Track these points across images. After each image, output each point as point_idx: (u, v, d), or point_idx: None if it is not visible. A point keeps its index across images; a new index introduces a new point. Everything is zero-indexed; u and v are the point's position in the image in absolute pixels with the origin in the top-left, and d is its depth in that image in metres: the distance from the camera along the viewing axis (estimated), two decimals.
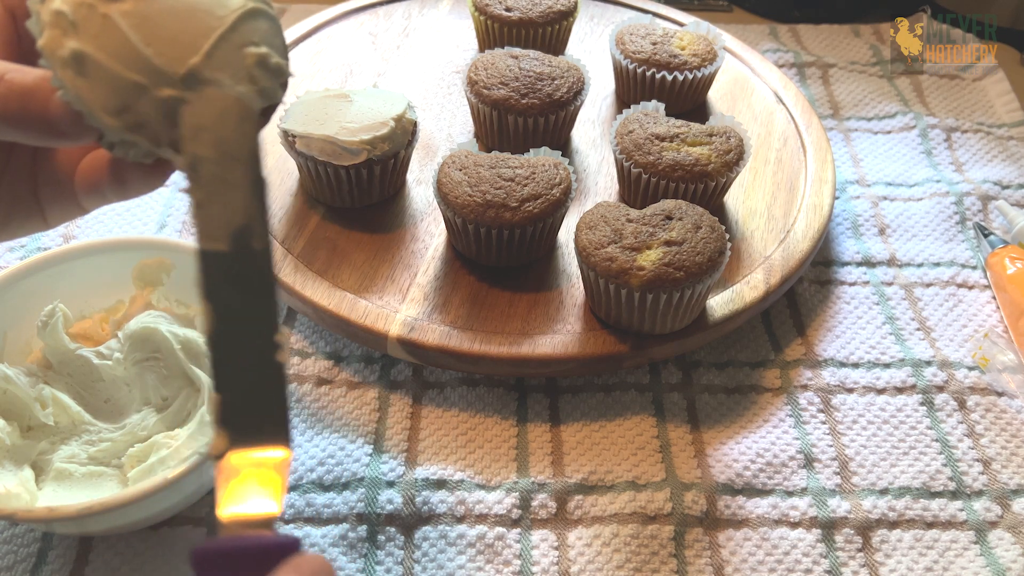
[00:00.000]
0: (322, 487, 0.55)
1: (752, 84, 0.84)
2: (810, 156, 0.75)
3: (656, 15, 0.89)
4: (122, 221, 0.72)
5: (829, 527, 0.54)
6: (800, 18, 1.00)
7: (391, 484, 0.55)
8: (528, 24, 0.79)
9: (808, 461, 0.58)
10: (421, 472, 0.56)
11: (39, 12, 0.35)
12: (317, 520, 0.54)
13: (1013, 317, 0.65)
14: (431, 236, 0.68)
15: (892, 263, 0.71)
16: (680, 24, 0.88)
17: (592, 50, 0.88)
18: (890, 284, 0.70)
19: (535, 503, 0.55)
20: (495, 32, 0.81)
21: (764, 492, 0.56)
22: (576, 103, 0.73)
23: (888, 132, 0.84)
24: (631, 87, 0.79)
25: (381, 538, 0.53)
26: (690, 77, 0.76)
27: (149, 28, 0.36)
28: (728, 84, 0.84)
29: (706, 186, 0.66)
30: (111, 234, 0.71)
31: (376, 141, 0.65)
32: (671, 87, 0.76)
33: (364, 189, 0.68)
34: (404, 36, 0.89)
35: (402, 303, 0.63)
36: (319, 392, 0.61)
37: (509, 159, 0.65)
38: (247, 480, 0.36)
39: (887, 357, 0.64)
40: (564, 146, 0.76)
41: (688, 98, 0.78)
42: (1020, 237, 0.71)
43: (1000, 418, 0.60)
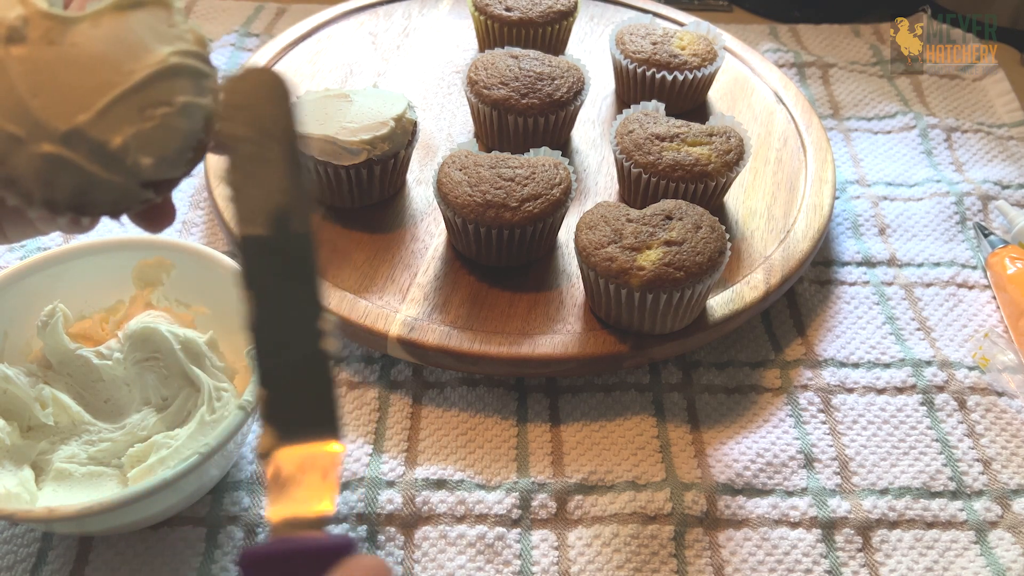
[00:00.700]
0: None
1: (752, 84, 0.84)
2: (810, 156, 0.75)
3: (656, 15, 0.89)
4: (122, 221, 0.72)
5: (829, 527, 0.54)
6: (800, 18, 1.00)
7: (391, 484, 0.55)
8: (528, 24, 0.79)
9: (808, 461, 0.58)
10: (421, 472, 0.56)
11: None
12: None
13: (1013, 317, 0.65)
14: (431, 236, 0.68)
15: (892, 263, 0.71)
16: (680, 24, 0.88)
17: (592, 50, 0.88)
18: (890, 284, 0.70)
19: (535, 503, 0.55)
20: (495, 32, 0.81)
21: (764, 492, 0.56)
22: (576, 103, 0.73)
23: (888, 132, 0.84)
24: (631, 87, 0.79)
25: (381, 538, 0.53)
26: (690, 77, 0.76)
27: (41, 77, 0.33)
28: (728, 84, 0.84)
29: (706, 186, 0.66)
30: (111, 234, 0.71)
31: (376, 141, 0.65)
32: (671, 87, 0.76)
33: (364, 189, 0.68)
34: (404, 36, 0.89)
35: (402, 303, 0.63)
36: None
37: (509, 159, 0.65)
38: (297, 478, 0.35)
39: (887, 357, 0.64)
40: (564, 146, 0.76)
41: (688, 98, 0.78)
42: (1020, 237, 0.71)
43: (1000, 418, 0.60)
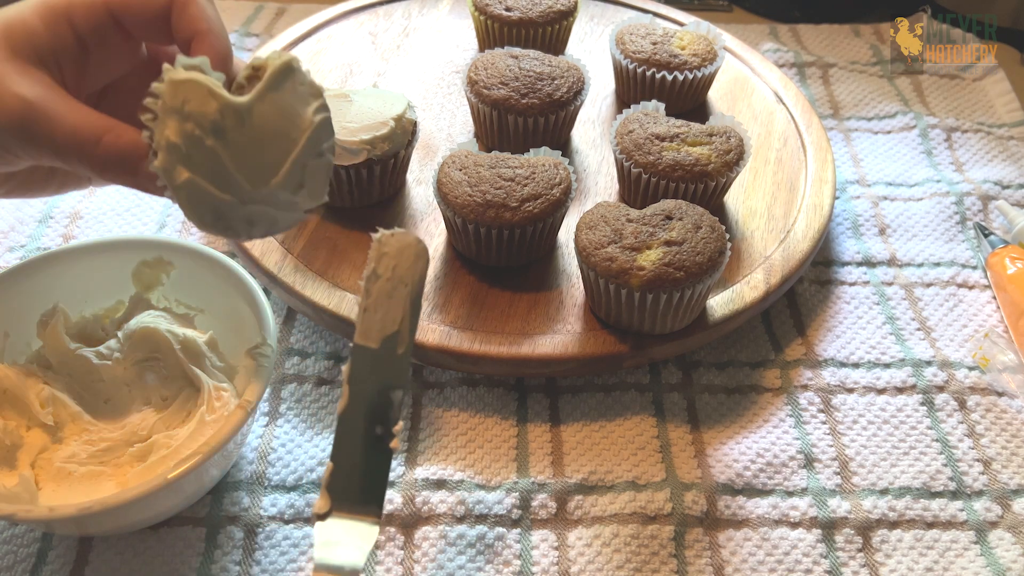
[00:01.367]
0: None
1: (752, 84, 0.84)
2: (810, 156, 0.75)
3: (656, 15, 0.89)
4: (122, 221, 0.72)
5: (829, 527, 0.54)
6: (800, 18, 1.00)
7: (391, 484, 0.55)
8: (528, 24, 0.79)
9: (808, 461, 0.58)
10: (421, 472, 0.56)
11: (153, 131, 0.42)
12: None
13: (1013, 317, 0.65)
14: (431, 236, 0.68)
15: (892, 263, 0.71)
16: (680, 24, 0.88)
17: (592, 50, 0.88)
18: (890, 284, 0.70)
19: (535, 503, 0.55)
20: (495, 32, 0.81)
21: (764, 492, 0.56)
22: (576, 103, 0.72)
23: (888, 132, 0.84)
24: (631, 87, 0.79)
25: (381, 538, 0.53)
26: (690, 77, 0.76)
27: (241, 157, 0.43)
28: (728, 84, 0.84)
29: (706, 186, 0.66)
30: (111, 234, 0.71)
31: (376, 141, 0.65)
32: (671, 87, 0.76)
33: (364, 189, 0.68)
34: (404, 36, 0.89)
35: None
36: (319, 392, 0.61)
37: (509, 159, 0.65)
38: (339, 539, 0.45)
39: (887, 357, 0.64)
40: (564, 146, 0.76)
41: (688, 98, 0.78)
42: (1020, 237, 0.71)
43: (1000, 418, 0.60)
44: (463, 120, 0.79)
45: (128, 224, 0.72)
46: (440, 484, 0.55)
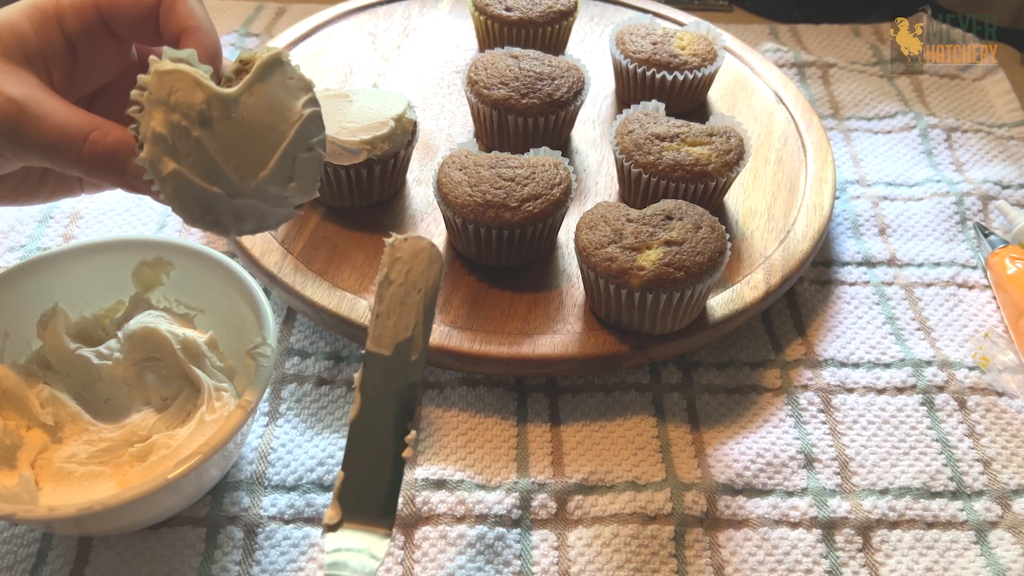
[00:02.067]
0: (322, 487, 0.55)
1: (752, 84, 0.84)
2: (810, 156, 0.75)
3: (656, 15, 0.89)
4: (122, 221, 0.72)
5: (829, 527, 0.54)
6: (800, 18, 1.00)
7: None
8: (528, 24, 0.79)
9: (808, 461, 0.58)
10: (421, 472, 0.56)
11: (139, 123, 0.42)
12: (317, 520, 0.54)
13: (1013, 317, 0.65)
14: (431, 236, 0.68)
15: (892, 263, 0.71)
16: (680, 24, 0.88)
17: (592, 50, 0.88)
18: (890, 284, 0.70)
19: (535, 503, 0.55)
20: (495, 32, 0.81)
21: (764, 492, 0.56)
22: (576, 103, 0.72)
23: (888, 132, 0.84)
24: (631, 87, 0.79)
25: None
26: (690, 77, 0.76)
27: (229, 147, 0.42)
28: (728, 84, 0.84)
29: (706, 186, 0.66)
30: (111, 234, 0.71)
31: (376, 141, 0.65)
32: (671, 87, 0.76)
33: (364, 189, 0.68)
34: (404, 36, 0.89)
35: None
36: (319, 392, 0.61)
37: (509, 159, 0.65)
38: (349, 550, 0.45)
39: (887, 357, 0.64)
40: (564, 146, 0.76)
41: (688, 98, 0.78)
42: (1020, 237, 0.71)
43: (1000, 418, 0.60)
44: (463, 120, 0.79)
45: (128, 224, 0.72)
46: (440, 484, 0.55)
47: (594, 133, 0.78)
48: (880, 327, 0.66)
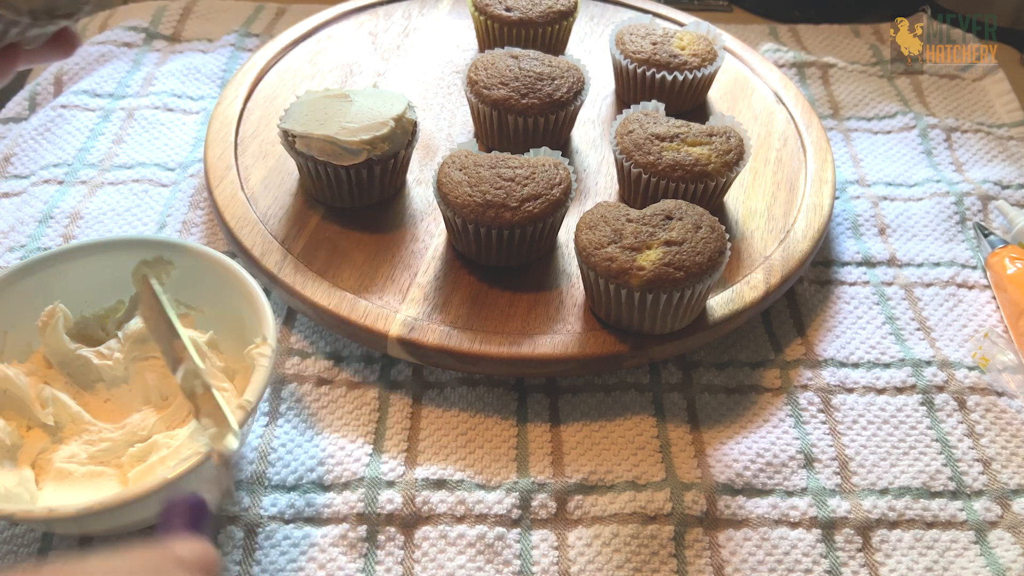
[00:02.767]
0: (322, 487, 0.55)
1: (752, 84, 0.84)
2: (810, 156, 0.75)
3: (656, 15, 0.89)
4: (122, 221, 0.72)
5: (829, 527, 0.54)
6: (800, 18, 1.00)
7: (391, 484, 0.55)
8: (528, 24, 0.79)
9: (808, 461, 0.58)
10: (421, 472, 0.56)
11: None
12: (317, 520, 0.54)
13: (1013, 317, 0.65)
14: (431, 236, 0.68)
15: (892, 263, 0.71)
16: (680, 24, 0.88)
17: (592, 50, 0.88)
18: (890, 284, 0.70)
19: (535, 503, 0.55)
20: (495, 32, 0.81)
21: (764, 492, 0.56)
22: (576, 103, 0.72)
23: (888, 132, 0.84)
24: (631, 87, 0.79)
25: (381, 538, 0.53)
26: (690, 77, 0.76)
27: None
28: (728, 84, 0.84)
29: (706, 186, 0.66)
30: (111, 234, 0.71)
31: (376, 141, 0.65)
32: (671, 87, 0.76)
33: (364, 189, 0.68)
34: (404, 36, 0.89)
35: (402, 303, 0.63)
36: (319, 392, 0.61)
37: (509, 159, 0.65)
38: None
39: (887, 357, 0.64)
40: (564, 146, 0.76)
41: (688, 98, 0.78)
42: (1020, 237, 0.71)
43: (1000, 418, 0.60)
44: (463, 120, 0.79)
45: (128, 224, 0.72)
46: (440, 484, 0.55)
47: (594, 133, 0.79)
48: (880, 327, 0.66)
